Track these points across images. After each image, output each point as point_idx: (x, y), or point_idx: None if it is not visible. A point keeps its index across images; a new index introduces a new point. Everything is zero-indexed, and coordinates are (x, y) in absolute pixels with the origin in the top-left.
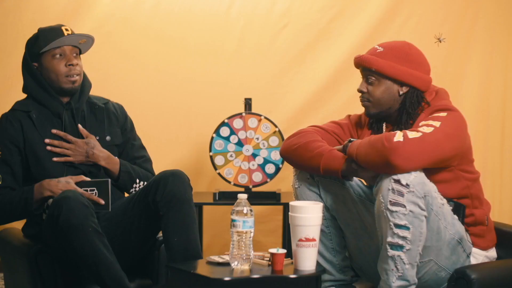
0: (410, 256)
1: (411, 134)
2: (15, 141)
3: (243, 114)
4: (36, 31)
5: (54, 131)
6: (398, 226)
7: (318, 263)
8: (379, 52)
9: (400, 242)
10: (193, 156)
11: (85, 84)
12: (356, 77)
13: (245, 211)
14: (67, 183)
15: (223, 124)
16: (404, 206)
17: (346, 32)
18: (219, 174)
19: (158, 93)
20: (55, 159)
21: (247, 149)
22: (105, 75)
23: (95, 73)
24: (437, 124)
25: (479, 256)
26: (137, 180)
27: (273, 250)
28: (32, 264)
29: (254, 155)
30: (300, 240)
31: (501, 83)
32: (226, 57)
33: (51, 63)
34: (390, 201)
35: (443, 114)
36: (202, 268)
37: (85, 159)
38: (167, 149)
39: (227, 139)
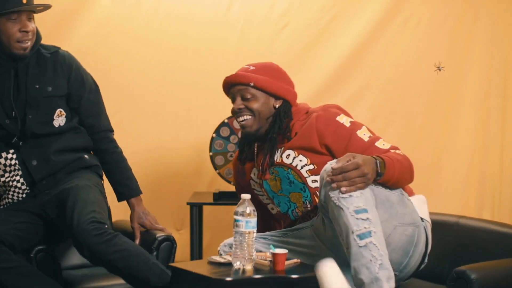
0: (379, 241)
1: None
2: None
3: None
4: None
5: None
6: (358, 211)
7: None
8: (253, 70)
9: (366, 226)
10: (193, 156)
11: (36, 39)
12: (357, 77)
13: (248, 211)
14: None
15: (223, 124)
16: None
17: (346, 32)
18: (219, 174)
19: (158, 93)
20: None
21: None
22: (104, 76)
23: (94, 74)
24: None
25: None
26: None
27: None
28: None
29: None
30: None
31: (501, 83)
32: (226, 57)
33: (4, 26)
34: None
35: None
36: (203, 268)
37: None
38: (167, 149)
39: (227, 139)
